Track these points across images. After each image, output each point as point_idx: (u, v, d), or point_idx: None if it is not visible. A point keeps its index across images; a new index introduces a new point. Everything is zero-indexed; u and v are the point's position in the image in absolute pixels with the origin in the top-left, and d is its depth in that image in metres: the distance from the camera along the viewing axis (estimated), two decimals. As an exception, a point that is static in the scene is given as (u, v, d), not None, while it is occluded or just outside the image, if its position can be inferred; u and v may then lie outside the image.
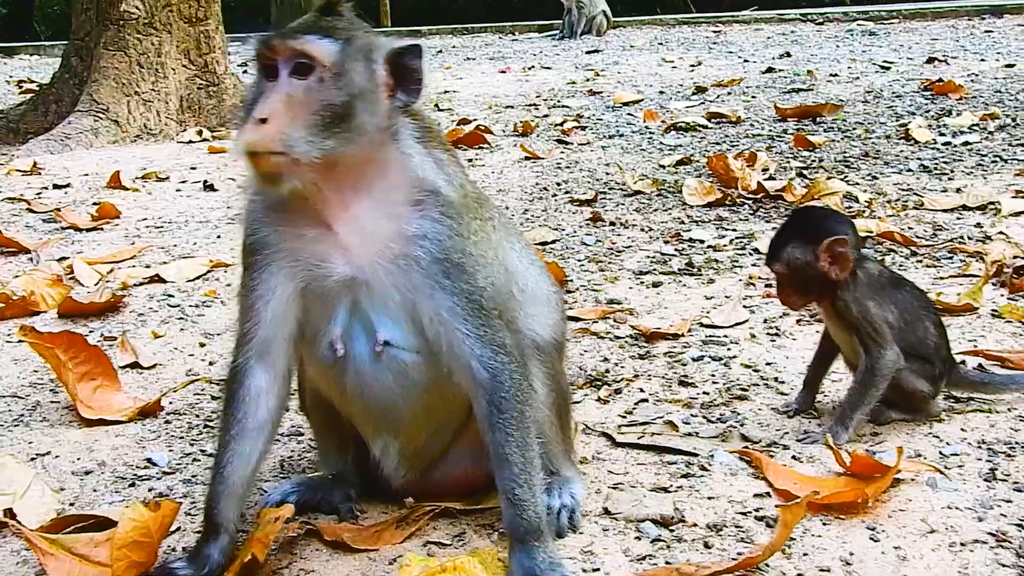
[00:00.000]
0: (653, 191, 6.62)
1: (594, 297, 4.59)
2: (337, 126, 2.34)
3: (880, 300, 3.16)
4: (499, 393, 2.46)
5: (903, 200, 6.04)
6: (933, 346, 3.19)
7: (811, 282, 3.13)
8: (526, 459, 2.47)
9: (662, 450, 3.08)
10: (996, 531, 2.53)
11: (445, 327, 2.45)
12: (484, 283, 2.48)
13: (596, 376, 3.68)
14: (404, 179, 2.47)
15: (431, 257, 2.44)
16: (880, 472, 2.75)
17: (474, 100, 11.71)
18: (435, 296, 2.44)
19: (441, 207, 2.47)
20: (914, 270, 4.75)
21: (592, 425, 3.29)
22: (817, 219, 3.25)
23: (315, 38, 2.36)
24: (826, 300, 3.18)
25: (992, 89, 10.08)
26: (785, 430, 3.20)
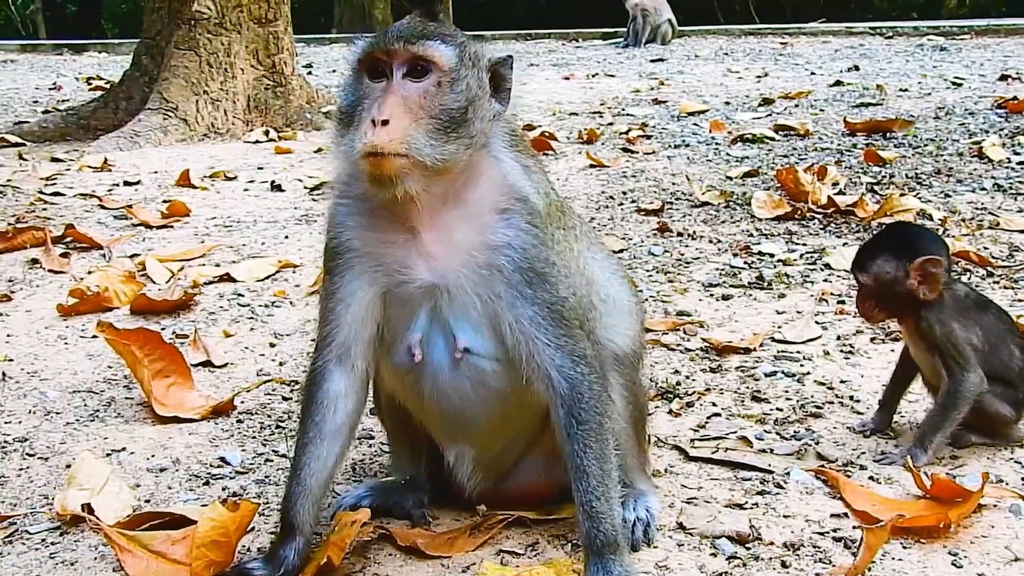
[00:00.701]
0: (721, 203, 6.57)
1: (663, 308, 4.57)
2: (455, 131, 2.37)
3: (965, 322, 3.12)
4: (578, 404, 2.46)
5: (978, 219, 5.95)
6: (1018, 370, 3.14)
7: (896, 298, 3.10)
8: (604, 471, 2.46)
9: (736, 466, 3.06)
10: (1083, 561, 2.49)
11: (525, 336, 2.46)
12: (566, 293, 2.48)
13: (667, 388, 3.67)
14: (494, 185, 2.49)
15: (515, 266, 2.45)
16: (961, 496, 2.71)
17: (538, 106, 11.71)
18: (517, 305, 2.45)
19: (528, 216, 2.48)
20: (991, 291, 4.67)
21: (664, 438, 3.27)
22: (912, 235, 3.21)
23: (436, 43, 2.38)
24: (909, 318, 3.15)
25: (1068, 107, 9.90)
26: (861, 450, 3.16)
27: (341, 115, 2.47)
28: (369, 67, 2.42)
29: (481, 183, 2.48)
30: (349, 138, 2.39)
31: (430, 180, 2.39)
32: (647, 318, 4.34)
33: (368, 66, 2.42)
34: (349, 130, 2.41)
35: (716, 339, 4.10)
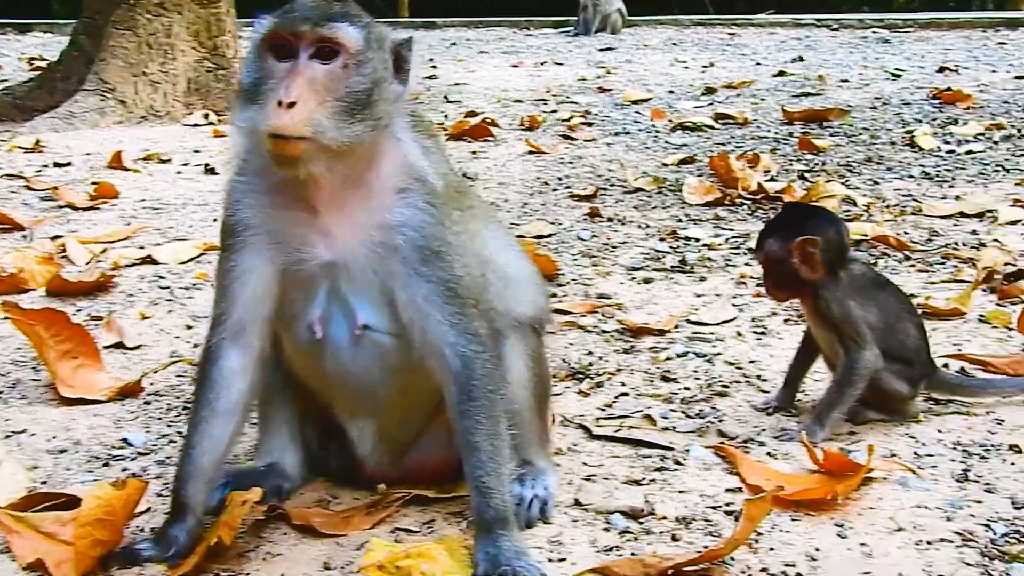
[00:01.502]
0: (653, 189, 6.61)
1: (584, 291, 4.59)
2: (360, 113, 2.37)
3: (862, 301, 3.16)
4: (470, 380, 2.46)
5: (902, 205, 6.02)
6: (913, 348, 3.19)
7: (786, 277, 3.15)
8: (495, 447, 2.47)
9: (638, 443, 3.08)
10: (963, 530, 2.53)
11: (420, 313, 2.47)
12: (461, 271, 2.49)
13: (579, 369, 3.69)
14: (394, 165, 2.49)
15: (411, 245, 2.46)
16: (852, 470, 2.75)
17: (484, 93, 11.70)
18: (412, 283, 2.46)
19: (426, 195, 2.49)
20: (906, 274, 4.74)
21: (571, 417, 3.29)
22: (800, 216, 3.27)
23: (344, 25, 2.36)
24: (808, 297, 3.18)
25: (1000, 100, 10.04)
26: (763, 427, 3.20)
27: (244, 92, 2.44)
28: (274, 46, 2.39)
29: (381, 163, 2.48)
30: (253, 117, 2.37)
31: (334, 161, 2.38)
32: (568, 301, 4.40)
33: (273, 45, 2.39)
34: (253, 108, 2.38)
35: (632, 321, 4.12)
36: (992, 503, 2.68)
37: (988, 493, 2.73)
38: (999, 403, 3.29)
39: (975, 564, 2.40)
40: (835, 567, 2.41)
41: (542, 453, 2.82)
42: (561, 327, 4.10)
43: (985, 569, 2.38)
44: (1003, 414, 3.22)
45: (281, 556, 2.55)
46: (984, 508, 2.65)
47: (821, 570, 2.40)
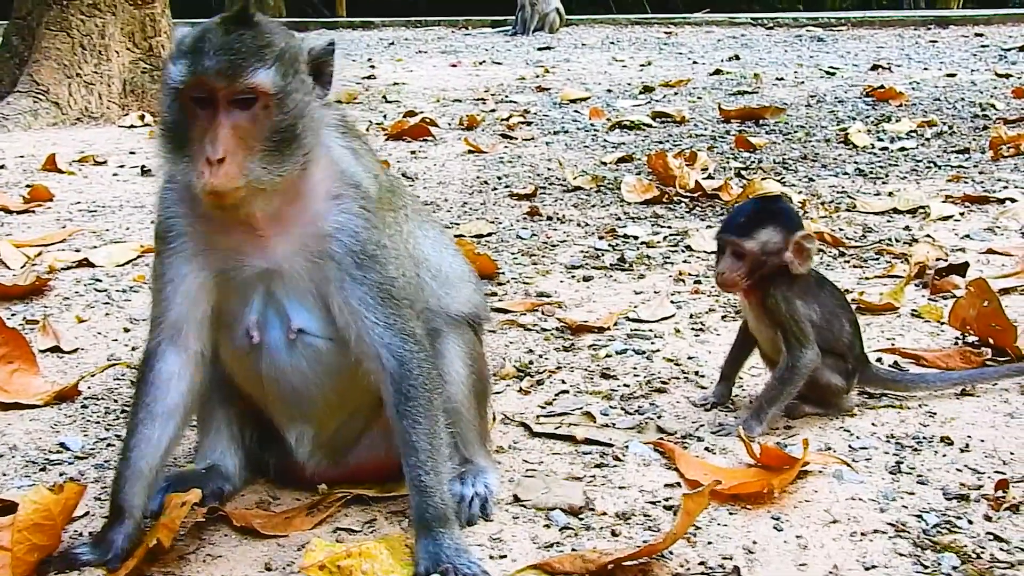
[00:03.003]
0: (592, 187, 6.65)
1: (524, 290, 4.60)
2: (289, 148, 2.36)
3: (806, 299, 3.20)
4: (407, 381, 2.47)
5: (836, 202, 6.12)
6: (847, 343, 3.24)
7: (765, 269, 3.15)
8: (433, 446, 2.48)
9: (578, 440, 3.10)
10: (896, 521, 2.58)
11: (355, 316, 2.47)
12: (395, 273, 2.50)
13: (520, 367, 3.70)
14: (326, 173, 2.49)
15: (345, 249, 2.46)
16: (788, 464, 2.79)
17: (423, 93, 11.70)
18: (347, 286, 2.46)
19: (360, 200, 2.50)
20: (841, 270, 4.81)
21: (512, 415, 3.30)
22: (787, 210, 3.27)
23: (258, 71, 2.31)
24: (756, 293, 3.20)
25: (932, 97, 10.23)
26: (701, 423, 3.23)
27: (167, 133, 2.40)
28: (191, 94, 2.33)
29: (313, 172, 2.47)
30: (184, 168, 2.34)
31: (269, 194, 2.39)
32: (508, 299, 4.42)
33: (190, 93, 2.33)
34: (180, 160, 2.35)
35: (572, 319, 4.14)
36: (924, 494, 2.73)
37: (920, 485, 2.79)
38: (931, 396, 3.36)
39: (908, 555, 2.45)
40: (771, 559, 2.45)
41: (483, 451, 2.83)
42: (501, 326, 4.12)
43: (917, 559, 2.43)
44: (935, 407, 3.28)
45: (222, 558, 2.53)
46: (916, 499, 2.70)
47: (758, 563, 2.44)
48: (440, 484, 2.47)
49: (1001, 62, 13.20)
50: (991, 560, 2.41)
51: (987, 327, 3.66)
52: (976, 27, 18.05)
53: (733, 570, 2.40)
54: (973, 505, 2.66)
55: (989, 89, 10.57)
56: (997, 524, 2.56)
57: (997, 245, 5.09)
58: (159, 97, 2.46)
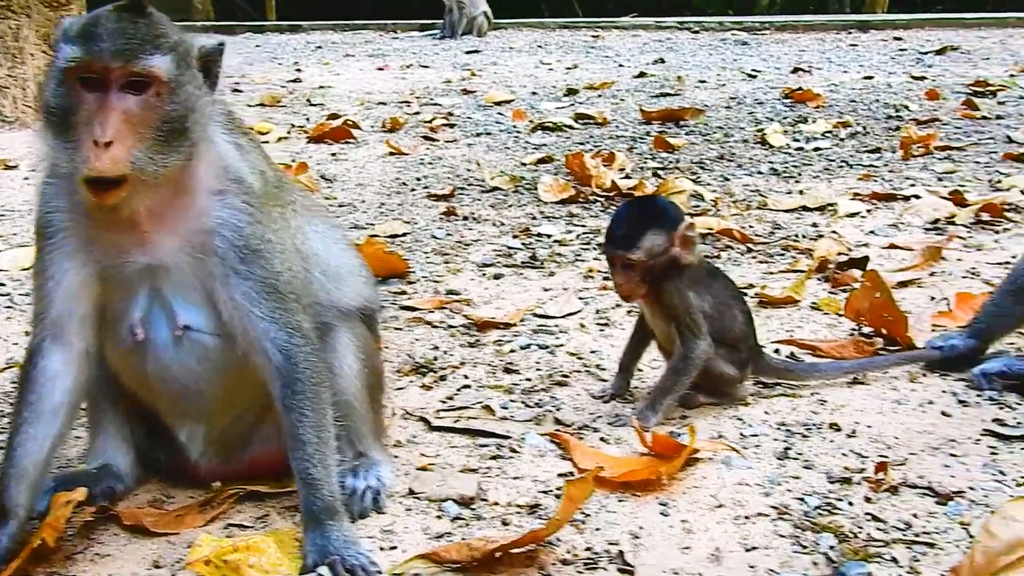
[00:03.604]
0: (510, 188, 6.69)
1: (434, 288, 4.63)
2: (177, 139, 2.34)
3: (698, 291, 3.26)
4: (293, 374, 2.48)
5: (748, 200, 6.22)
6: (740, 333, 3.31)
7: (659, 269, 3.19)
8: (321, 439, 2.49)
9: (476, 433, 3.13)
10: (779, 505, 2.64)
11: (240, 310, 2.47)
12: (281, 268, 2.50)
13: (424, 364, 3.72)
14: (210, 168, 2.48)
15: (229, 245, 2.46)
16: (678, 452, 2.84)
17: (348, 96, 11.66)
18: (230, 281, 2.46)
19: (244, 196, 2.50)
20: (747, 265, 4.90)
21: (412, 411, 3.32)
22: (663, 207, 3.31)
23: (155, 57, 2.30)
24: (650, 290, 3.26)
25: (848, 99, 10.41)
26: (599, 414, 3.28)
27: (52, 119, 2.35)
28: (81, 75, 2.31)
29: (197, 168, 2.46)
30: (68, 152, 2.31)
31: (152, 189, 2.37)
32: (417, 298, 4.44)
33: (80, 74, 2.31)
34: (65, 139, 2.32)
35: (479, 315, 4.18)
36: (808, 478, 2.80)
37: (806, 469, 2.85)
38: (824, 385, 3.44)
39: (788, 536, 2.51)
40: (656, 544, 2.50)
41: (377, 445, 2.85)
42: (408, 323, 4.14)
43: (796, 540, 2.49)
44: (826, 395, 3.36)
45: (110, 557, 2.52)
46: (801, 483, 2.77)
47: (643, 547, 2.48)
48: (328, 477, 2.48)
49: (918, 65, 13.48)
50: (867, 539, 2.48)
51: (879, 318, 3.75)
52: (896, 31, 18.40)
53: (618, 555, 2.44)
54: (855, 488, 2.73)
55: (904, 91, 10.79)
56: (876, 505, 2.64)
57: (900, 240, 5.21)
58: (44, 83, 2.41)
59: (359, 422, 2.78)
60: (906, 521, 2.56)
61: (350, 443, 2.76)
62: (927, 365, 3.56)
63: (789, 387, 3.44)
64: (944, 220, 5.58)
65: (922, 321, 3.95)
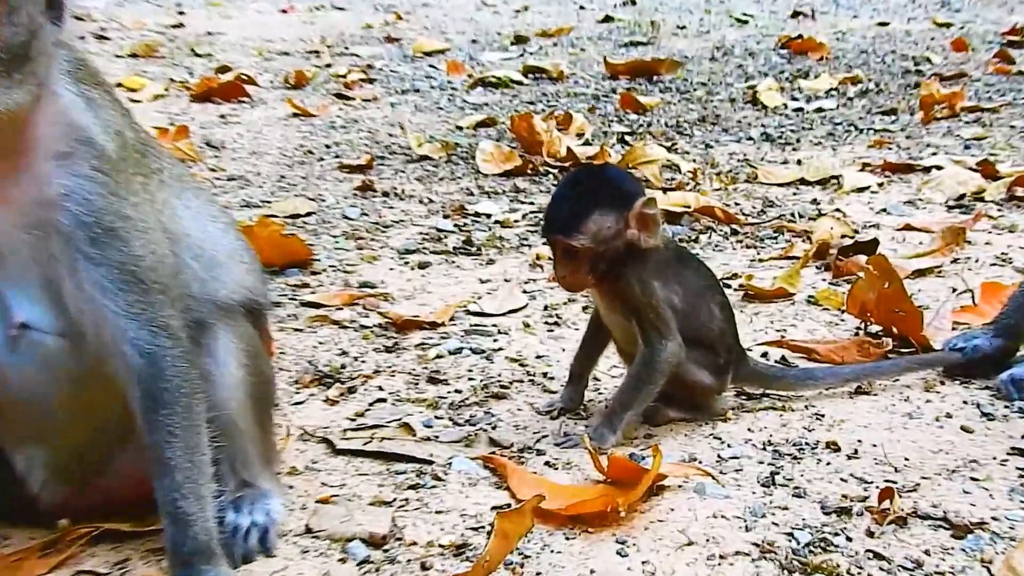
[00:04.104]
0: (442, 157, 6.70)
1: (344, 280, 4.61)
2: (19, 70, 2.29)
3: (665, 280, 3.26)
4: (159, 383, 2.45)
5: (735, 172, 6.27)
6: (718, 332, 3.32)
7: (610, 256, 3.18)
8: (193, 464, 2.46)
9: (391, 457, 3.12)
10: (762, 541, 2.66)
11: (92, 304, 2.42)
12: (142, 251, 2.46)
13: (328, 373, 3.71)
14: (52, 126, 2.43)
15: (76, 221, 2.40)
16: (641, 478, 2.84)
17: (243, 45, 11.59)
18: (79, 267, 2.40)
19: (93, 160, 2.44)
20: (731, 251, 4.94)
21: (312, 430, 3.31)
22: (615, 179, 3.28)
23: None
24: (604, 280, 3.26)
25: (858, 49, 10.55)
26: (544, 433, 3.28)
27: None
28: None
29: (36, 124, 2.42)
30: None
31: None
32: (322, 292, 4.42)
33: None
34: None
35: (398, 313, 4.17)
36: (799, 509, 2.82)
37: (796, 498, 2.88)
38: (821, 396, 3.47)
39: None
40: (611, 590, 2.51)
41: (266, 472, 2.83)
42: (310, 323, 4.13)
43: (783, 583, 2.52)
44: (824, 408, 3.39)
45: (-73, 614, 2.49)
46: (789, 515, 2.79)
47: (595, 594, 2.49)
48: (202, 510, 2.46)
49: (943, 9, 13.69)
50: (869, 582, 2.51)
51: (888, 313, 3.79)
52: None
53: (563, 605, 2.45)
54: (855, 520, 2.76)
55: (925, 40, 10.95)
56: (879, 540, 2.66)
57: (917, 220, 5.28)
58: None
59: (243, 443, 2.75)
60: (916, 559, 2.59)
61: (232, 470, 2.73)
62: (946, 370, 3.61)
63: (778, 398, 3.47)
64: (971, 196, 5.67)
65: (941, 317, 4.00)
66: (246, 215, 5.35)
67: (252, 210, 5.56)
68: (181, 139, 6.62)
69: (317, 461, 3.13)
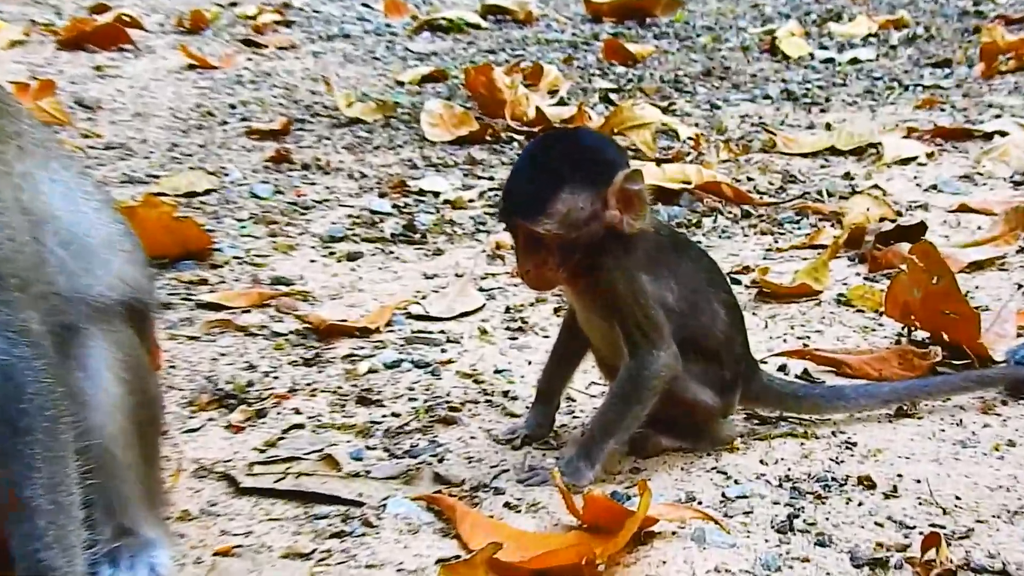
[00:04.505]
0: (378, 120, 6.72)
1: (252, 275, 4.63)
2: None
3: (657, 274, 3.25)
4: (15, 403, 2.45)
5: (748, 139, 6.32)
6: (723, 339, 3.33)
7: (586, 244, 3.16)
8: (58, 505, 2.47)
9: (310, 498, 3.13)
10: (776, 603, 2.70)
11: (-70, 305, 2.44)
12: None
13: (232, 392, 3.71)
14: None
15: None
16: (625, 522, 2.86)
17: (124, -22, 11.59)
18: None
19: None
20: (743, 238, 4.98)
21: (211, 464, 3.31)
22: (591, 147, 3.26)
23: None
24: (582, 273, 3.26)
25: (907, -17, 10.62)
26: (504, 466, 3.30)
27: None
28: None
29: None
30: None
31: None
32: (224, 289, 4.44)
33: None
34: None
35: (321, 317, 4.18)
36: (823, 561, 2.84)
37: (820, 547, 2.90)
38: (853, 419, 3.50)
39: (788, 647, 2.57)
40: (586, 664, 2.53)
41: (151, 516, 2.83)
42: (209, 328, 4.14)
43: (802, 654, 2.55)
44: (856, 434, 3.42)
45: None
46: (811, 568, 2.81)
47: (566, 670, 2.52)
48: (70, 564, 2.46)
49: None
50: (909, 651, 2.54)
51: (936, 316, 3.81)
52: None
53: None
54: (892, 573, 2.79)
55: (989, -28, 11.04)
56: (923, 599, 2.70)
57: (975, 199, 5.33)
58: None
59: (122, 480, 2.75)
60: (969, 623, 2.62)
61: (108, 512, 2.74)
62: (1008, 388, 3.64)
63: (798, 422, 3.49)
64: (1043, 169, 5.73)
65: (1003, 321, 4.02)
66: (128, 193, 5.36)
67: (136, 187, 5.57)
68: (45, 97, 6.60)
69: (216, 503, 3.14)
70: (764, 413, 3.54)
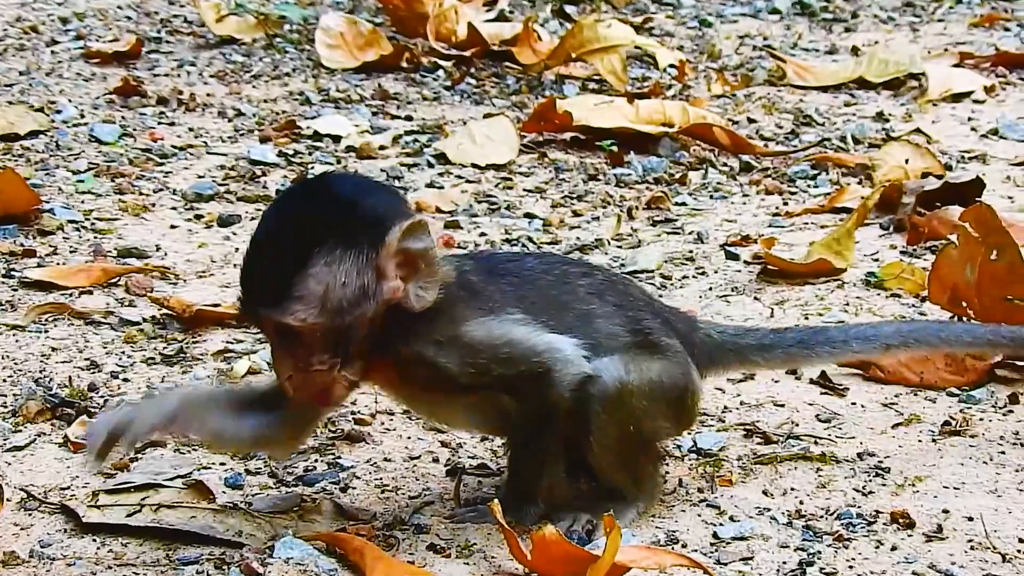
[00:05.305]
0: (259, 40, 6.73)
1: (93, 244, 4.64)
2: None
3: (494, 306, 3.15)
4: None
5: (748, 66, 6.36)
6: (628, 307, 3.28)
7: (369, 331, 3.03)
8: None
9: (174, 537, 3.16)
10: (779, 677, 2.76)
11: None
12: None
13: (69, 398, 3.73)
14: None
15: None
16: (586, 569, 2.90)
17: None
18: None
19: None
20: (741, 198, 5.03)
21: (43, 492, 3.33)
22: (351, 196, 3.09)
23: None
24: (385, 360, 3.15)
25: None
26: (429, 497, 3.34)
27: None
28: None
29: None
30: None
31: None
32: (55, 263, 4.46)
33: None
34: None
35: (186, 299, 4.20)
36: (845, 620, 2.92)
37: (841, 600, 2.97)
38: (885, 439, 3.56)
39: None
40: None
41: (-37, 561, 2.87)
42: (38, 315, 4.14)
43: None
44: (889, 457, 3.48)
45: None
46: (829, 630, 2.89)
47: None
48: None
49: None
50: None
51: (995, 301, 3.86)
52: None
53: None
54: (935, 641, 2.86)
55: None
56: (974, 669, 2.76)
57: (1047, 149, 5.40)
58: None
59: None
60: None
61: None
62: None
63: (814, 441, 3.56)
64: None
65: (1082, 310, 4.08)
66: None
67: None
68: None
69: (50, 543, 3.16)
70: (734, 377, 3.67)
